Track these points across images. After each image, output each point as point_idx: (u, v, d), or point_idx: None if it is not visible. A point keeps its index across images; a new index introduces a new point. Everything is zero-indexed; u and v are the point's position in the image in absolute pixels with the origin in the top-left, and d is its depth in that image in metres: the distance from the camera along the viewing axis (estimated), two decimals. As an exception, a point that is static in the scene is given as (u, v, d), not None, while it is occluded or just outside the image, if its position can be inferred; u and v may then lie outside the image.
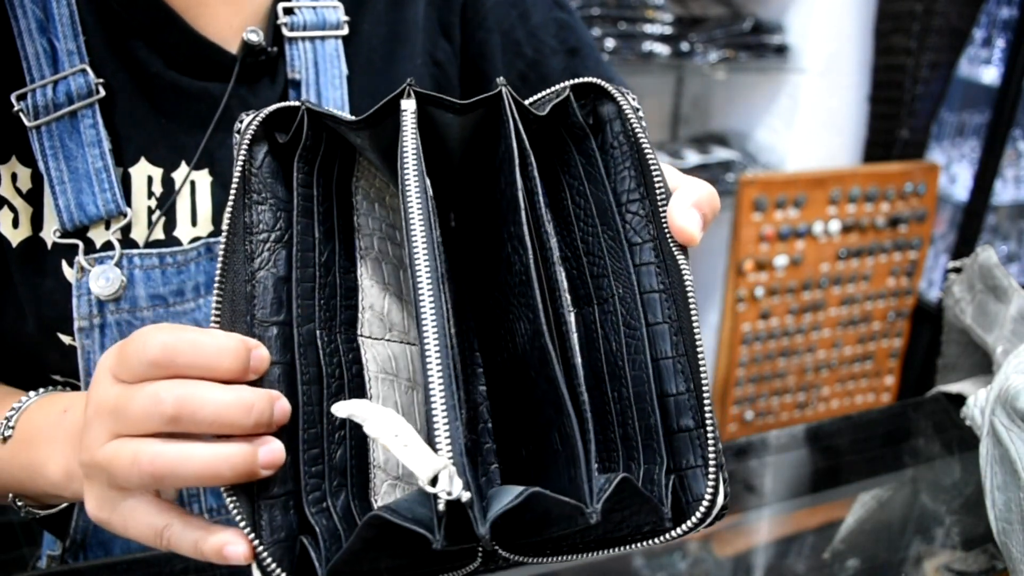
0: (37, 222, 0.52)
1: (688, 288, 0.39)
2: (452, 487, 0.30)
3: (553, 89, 0.43)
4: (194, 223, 0.55)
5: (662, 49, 1.74)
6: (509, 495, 0.32)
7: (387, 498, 0.39)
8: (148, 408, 0.34)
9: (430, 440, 0.32)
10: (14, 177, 0.51)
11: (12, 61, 0.49)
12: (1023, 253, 2.14)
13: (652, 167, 0.41)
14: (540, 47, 0.69)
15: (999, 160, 1.78)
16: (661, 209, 0.40)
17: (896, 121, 1.85)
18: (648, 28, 1.73)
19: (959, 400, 0.69)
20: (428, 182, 0.37)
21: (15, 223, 0.51)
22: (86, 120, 0.50)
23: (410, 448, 0.32)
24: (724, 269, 1.84)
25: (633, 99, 0.44)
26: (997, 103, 1.75)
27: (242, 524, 0.35)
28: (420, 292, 0.34)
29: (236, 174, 0.39)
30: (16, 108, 0.49)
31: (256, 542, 0.34)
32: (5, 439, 0.47)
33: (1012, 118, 1.75)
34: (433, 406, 0.32)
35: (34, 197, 0.51)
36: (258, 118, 0.41)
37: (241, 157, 0.40)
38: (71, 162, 0.50)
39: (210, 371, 0.35)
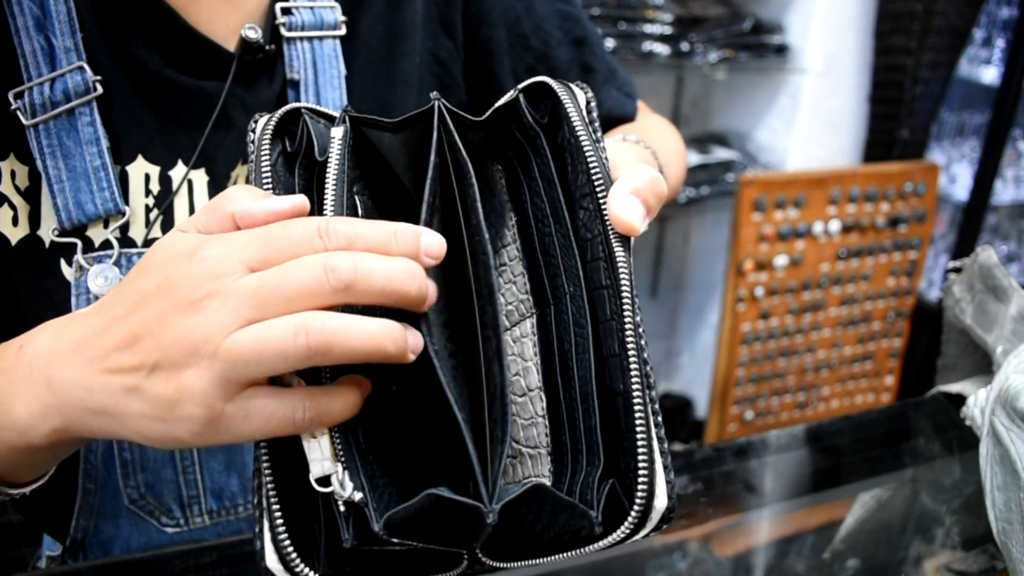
0: (35, 220, 0.51)
1: (622, 282, 0.37)
2: (344, 489, 0.33)
3: (511, 93, 0.43)
4: (192, 222, 0.54)
5: (662, 49, 1.74)
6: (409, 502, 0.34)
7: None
8: (319, 276, 0.33)
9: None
10: (12, 175, 0.51)
11: (9, 58, 0.49)
12: (1023, 253, 2.14)
13: (590, 161, 0.40)
14: (547, 39, 0.69)
15: (999, 160, 1.78)
16: (602, 202, 0.39)
17: (896, 121, 1.85)
18: (648, 28, 1.73)
19: (959, 400, 0.69)
20: (356, 201, 0.38)
21: (15, 221, 0.51)
22: (84, 118, 0.50)
23: (314, 450, 0.34)
24: (724, 269, 1.84)
25: (583, 92, 0.43)
26: (997, 103, 1.75)
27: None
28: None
29: (265, 171, 0.39)
30: (13, 106, 0.49)
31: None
32: None
33: (1012, 118, 1.75)
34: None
35: (32, 195, 0.51)
36: (272, 120, 0.41)
37: (264, 153, 0.40)
38: (69, 160, 0.50)
39: (386, 253, 0.35)
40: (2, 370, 0.40)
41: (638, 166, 0.42)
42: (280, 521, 0.34)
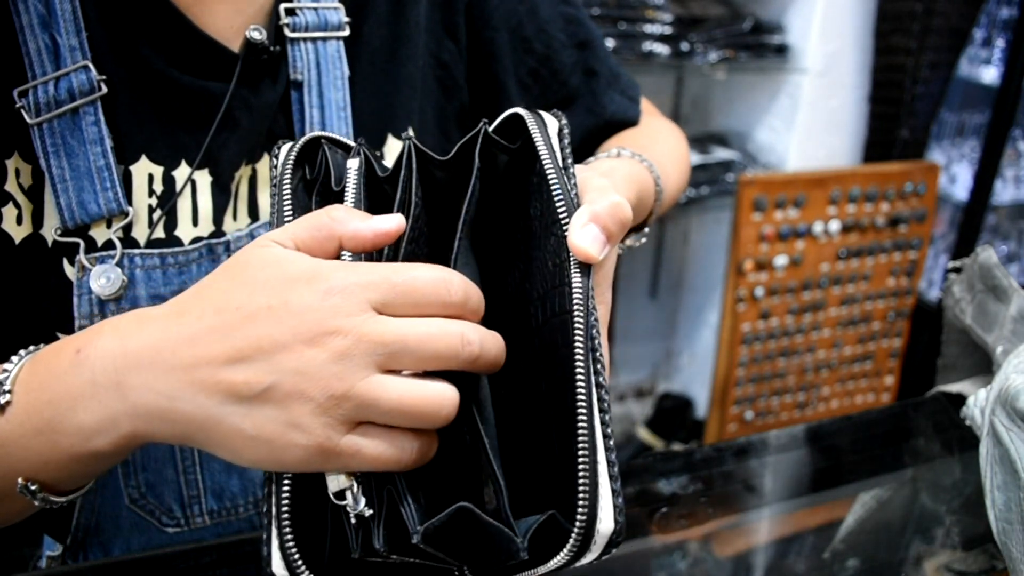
0: (38, 219, 0.51)
1: (575, 307, 0.37)
2: (356, 502, 0.34)
3: (479, 126, 0.44)
4: (195, 223, 0.54)
5: (662, 49, 1.74)
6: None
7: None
8: (455, 348, 0.35)
9: None
10: (17, 173, 0.50)
11: (14, 57, 0.49)
12: (1023, 253, 2.14)
13: (555, 191, 0.40)
14: (550, 42, 0.69)
15: (999, 160, 1.78)
16: (565, 230, 0.39)
17: (896, 121, 1.85)
18: (648, 28, 1.73)
19: (959, 400, 0.69)
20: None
21: (19, 220, 0.51)
22: (88, 117, 0.50)
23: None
24: (724, 269, 1.84)
25: (555, 119, 0.44)
26: (997, 103, 1.75)
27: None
28: None
29: (286, 196, 0.41)
30: (18, 104, 0.49)
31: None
32: (3, 408, 0.39)
33: (1012, 118, 1.75)
34: None
35: (35, 194, 0.51)
36: (296, 147, 0.42)
37: (287, 179, 0.41)
38: (73, 160, 0.50)
39: (477, 317, 0.38)
40: (57, 375, 0.38)
41: (604, 192, 0.42)
42: (288, 529, 0.34)
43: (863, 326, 1.97)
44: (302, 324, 0.34)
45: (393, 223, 0.39)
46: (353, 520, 0.34)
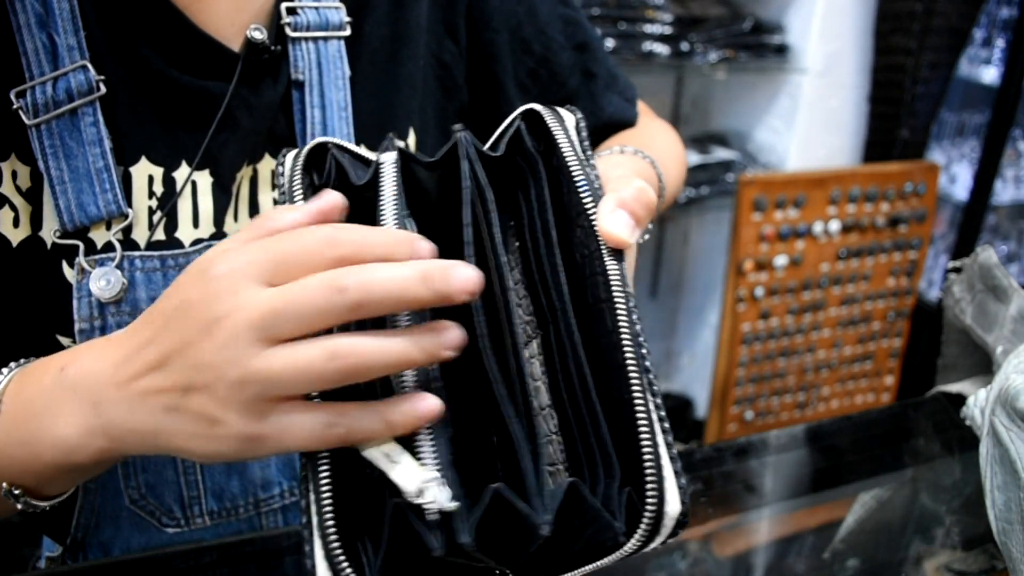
0: (36, 221, 0.51)
1: (615, 297, 0.38)
2: (439, 497, 0.32)
3: (508, 120, 0.44)
4: (196, 224, 0.54)
5: (662, 49, 1.74)
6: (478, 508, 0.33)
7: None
8: (330, 298, 0.33)
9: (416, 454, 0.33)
10: (14, 175, 0.50)
11: (11, 57, 0.48)
12: (1023, 253, 2.14)
13: (578, 183, 0.41)
14: (549, 43, 0.69)
15: (999, 160, 1.78)
16: (594, 220, 0.40)
17: (896, 121, 1.85)
18: (648, 28, 1.73)
19: (959, 400, 0.69)
20: (406, 225, 0.39)
21: (16, 222, 0.51)
22: (87, 118, 0.50)
23: (399, 465, 0.34)
24: (724, 269, 1.84)
25: (571, 114, 0.45)
26: (997, 103, 1.75)
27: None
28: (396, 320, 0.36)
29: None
30: (15, 105, 0.48)
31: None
32: None
33: (1012, 118, 1.75)
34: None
35: (33, 196, 0.51)
36: (303, 153, 0.42)
37: (296, 186, 0.41)
38: (71, 161, 0.50)
39: (400, 255, 0.35)
40: (42, 391, 0.41)
41: (627, 179, 0.42)
42: (335, 538, 0.33)
43: (863, 326, 1.97)
44: (196, 316, 0.35)
45: (327, 200, 0.38)
46: (435, 516, 0.32)
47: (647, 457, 0.35)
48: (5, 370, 0.44)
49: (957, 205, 1.98)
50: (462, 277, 0.34)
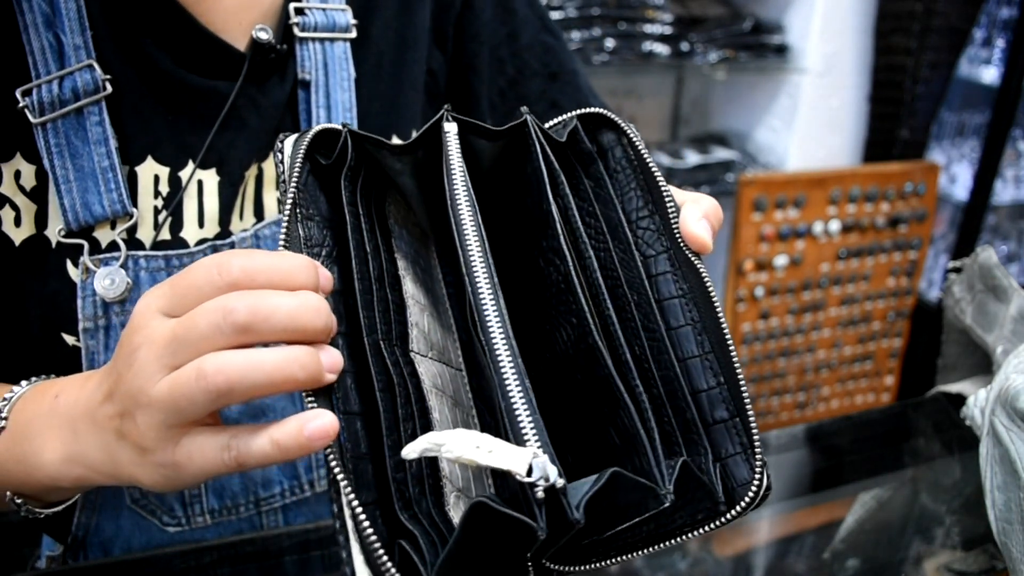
0: (41, 220, 0.51)
1: (710, 290, 0.42)
2: (548, 473, 0.30)
3: (562, 118, 0.47)
4: (201, 224, 0.54)
5: (662, 49, 1.74)
6: (585, 484, 0.33)
7: (456, 510, 0.39)
8: (217, 322, 0.34)
9: (511, 437, 0.33)
10: (17, 175, 0.50)
11: (18, 56, 0.49)
12: (1023, 253, 2.14)
13: (662, 186, 0.45)
14: (523, 68, 0.70)
15: (999, 160, 1.78)
16: (673, 222, 0.44)
17: (896, 121, 1.85)
18: (648, 28, 1.74)
19: (959, 400, 0.69)
20: (475, 197, 0.39)
21: (17, 221, 0.51)
22: (92, 117, 0.50)
23: (495, 451, 0.32)
24: (724, 269, 1.84)
25: (630, 127, 0.48)
26: (997, 103, 1.75)
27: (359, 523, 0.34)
28: (481, 298, 0.36)
29: (291, 190, 0.41)
30: (21, 104, 0.48)
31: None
32: None
33: (1012, 118, 1.75)
34: (513, 402, 0.33)
35: (38, 194, 0.51)
36: (307, 136, 0.42)
37: (296, 172, 0.41)
38: (77, 160, 0.50)
39: (287, 288, 0.36)
40: (38, 414, 0.43)
41: (699, 195, 0.46)
42: (378, 545, 0.33)
43: (863, 326, 1.97)
44: (123, 348, 0.37)
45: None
46: (540, 495, 0.31)
47: (755, 434, 0.39)
48: (19, 386, 0.47)
49: (957, 205, 1.98)
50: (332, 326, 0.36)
